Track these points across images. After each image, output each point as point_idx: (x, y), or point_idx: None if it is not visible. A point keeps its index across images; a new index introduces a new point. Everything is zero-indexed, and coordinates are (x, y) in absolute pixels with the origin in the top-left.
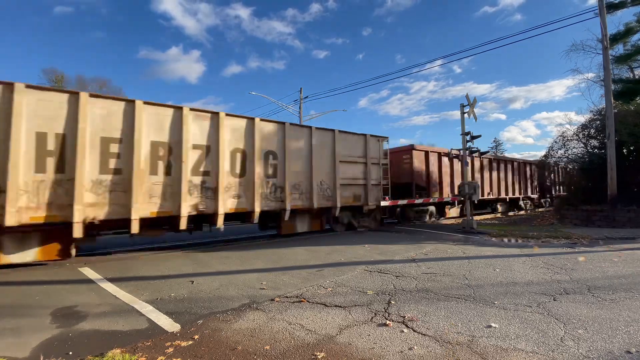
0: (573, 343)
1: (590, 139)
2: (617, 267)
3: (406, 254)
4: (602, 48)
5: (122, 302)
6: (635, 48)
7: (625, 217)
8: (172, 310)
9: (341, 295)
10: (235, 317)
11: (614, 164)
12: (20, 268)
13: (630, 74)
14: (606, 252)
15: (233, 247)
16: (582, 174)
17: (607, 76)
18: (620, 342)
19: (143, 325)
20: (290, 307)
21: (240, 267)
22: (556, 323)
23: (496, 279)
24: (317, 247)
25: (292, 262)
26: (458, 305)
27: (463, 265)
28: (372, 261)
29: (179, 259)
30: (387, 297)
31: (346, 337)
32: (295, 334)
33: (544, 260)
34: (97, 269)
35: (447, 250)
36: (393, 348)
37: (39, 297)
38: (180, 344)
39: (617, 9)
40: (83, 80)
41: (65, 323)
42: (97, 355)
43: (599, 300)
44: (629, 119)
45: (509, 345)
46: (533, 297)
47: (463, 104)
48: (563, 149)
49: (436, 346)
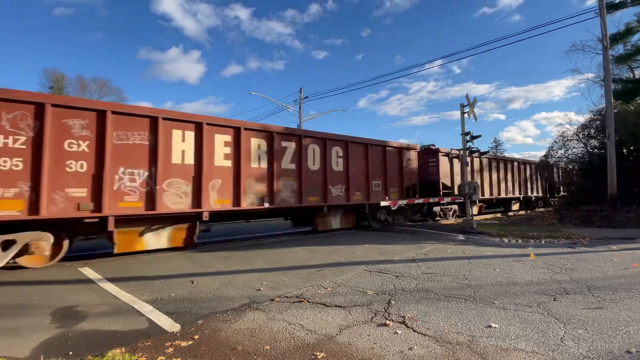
0: (573, 343)
1: (590, 139)
2: (617, 267)
3: (406, 254)
4: (602, 48)
5: (122, 302)
6: (636, 48)
7: (625, 217)
8: (172, 310)
9: (341, 295)
10: (235, 317)
11: (614, 164)
12: (20, 268)
13: (630, 74)
14: (606, 252)
15: (233, 247)
16: (582, 174)
17: (607, 76)
18: (620, 342)
19: (143, 325)
20: (290, 307)
21: (240, 267)
22: (556, 323)
23: (496, 279)
24: (317, 247)
25: (292, 262)
26: (458, 305)
27: (463, 265)
28: (372, 261)
29: (179, 259)
30: (387, 297)
31: (346, 337)
32: (295, 334)
33: (544, 260)
34: (97, 269)
35: (447, 250)
36: (393, 348)
37: (39, 297)
38: (180, 344)
39: (617, 8)
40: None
41: (65, 323)
42: (97, 355)
43: (599, 300)
44: (629, 119)
45: (509, 345)
46: (533, 297)
47: (463, 104)
48: (563, 149)
49: (436, 346)
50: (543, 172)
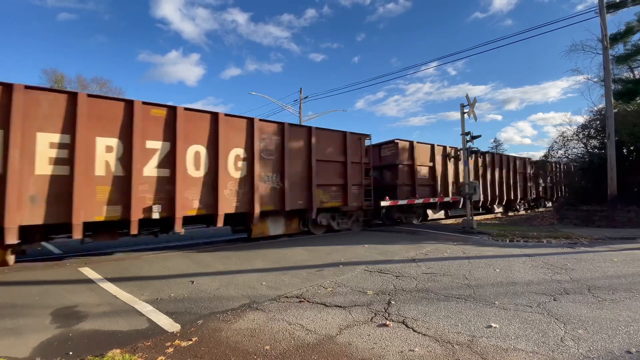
0: (573, 343)
1: (590, 139)
2: (617, 267)
3: (406, 254)
4: (602, 48)
5: (122, 302)
6: (636, 48)
7: (625, 217)
8: (172, 311)
9: (341, 295)
10: (235, 317)
11: (614, 164)
12: (21, 268)
13: (630, 74)
14: (606, 252)
15: (233, 247)
16: (582, 174)
17: (607, 76)
18: (620, 342)
19: (143, 325)
20: (290, 307)
21: (240, 267)
22: (556, 323)
23: (496, 279)
24: (317, 247)
25: (292, 262)
26: (458, 305)
27: (463, 265)
28: (372, 261)
29: (179, 259)
30: (387, 297)
31: (346, 337)
32: (295, 334)
33: (544, 260)
34: (97, 269)
35: (447, 250)
36: (393, 348)
37: (39, 297)
38: (180, 344)
39: (617, 8)
40: (83, 81)
41: (65, 323)
42: (97, 355)
43: (599, 300)
44: (629, 119)
45: (509, 345)
46: (533, 297)
47: (463, 104)
48: (563, 149)
49: (436, 346)
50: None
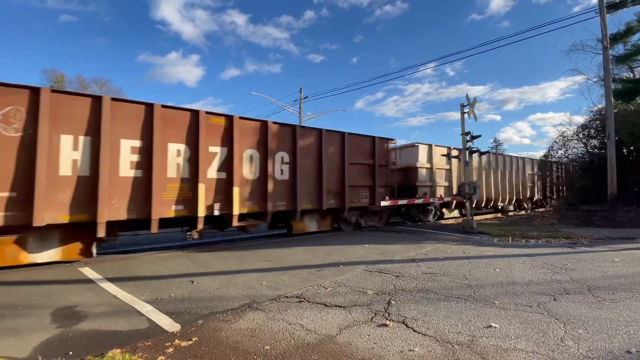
0: (573, 343)
1: (590, 139)
2: (617, 267)
3: (406, 254)
4: (602, 48)
5: (122, 302)
6: (636, 48)
7: (625, 217)
8: (172, 310)
9: (341, 295)
10: (235, 317)
11: (614, 164)
12: (21, 268)
13: (630, 73)
14: (606, 252)
15: (233, 247)
16: (582, 174)
17: (607, 76)
18: (620, 342)
19: (143, 325)
20: (290, 307)
21: (240, 267)
22: (556, 323)
23: (496, 279)
24: (317, 247)
25: (292, 262)
26: (458, 305)
27: (463, 265)
28: (372, 261)
29: (179, 259)
30: (387, 297)
31: (346, 337)
32: (295, 334)
33: (544, 260)
34: (97, 269)
35: (447, 250)
36: (393, 348)
37: (39, 297)
38: (180, 344)
39: (617, 8)
40: (83, 81)
41: (65, 323)
42: (97, 355)
43: (599, 300)
44: (629, 119)
45: (509, 345)
46: (533, 297)
47: (463, 104)
48: (563, 149)
49: (436, 346)
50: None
